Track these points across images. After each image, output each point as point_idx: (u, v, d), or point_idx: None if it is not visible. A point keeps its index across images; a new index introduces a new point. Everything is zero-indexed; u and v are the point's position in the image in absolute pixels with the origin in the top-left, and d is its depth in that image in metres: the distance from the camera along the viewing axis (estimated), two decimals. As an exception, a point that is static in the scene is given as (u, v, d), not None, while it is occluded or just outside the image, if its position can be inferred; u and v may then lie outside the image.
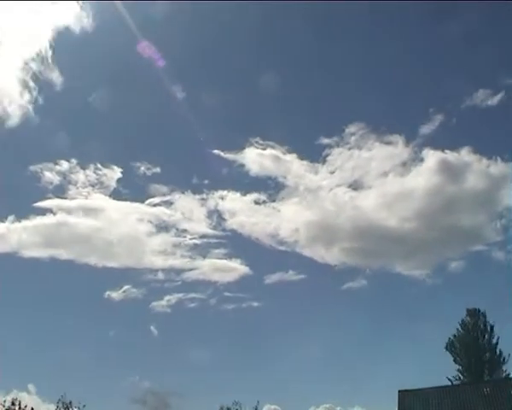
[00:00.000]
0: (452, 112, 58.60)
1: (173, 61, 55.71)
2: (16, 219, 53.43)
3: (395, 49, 59.69)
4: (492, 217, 55.18)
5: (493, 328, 40.01)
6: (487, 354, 39.51)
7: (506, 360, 38.74)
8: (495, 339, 39.76)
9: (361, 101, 60.92)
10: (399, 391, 29.70)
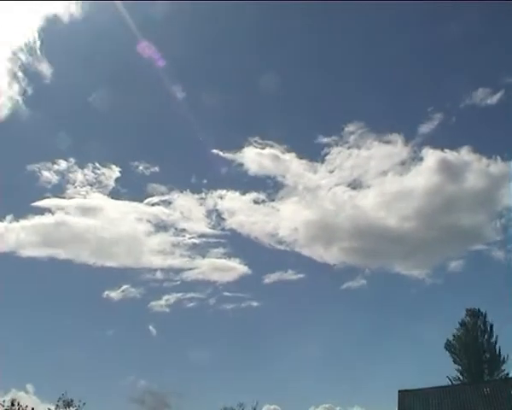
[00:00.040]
0: (452, 111, 58.66)
1: (173, 61, 55.68)
2: (14, 218, 53.49)
3: (394, 48, 59.80)
4: (492, 216, 55.32)
5: (493, 328, 40.11)
6: (487, 354, 39.53)
7: (505, 360, 38.88)
8: (494, 339, 39.80)
9: (360, 100, 61.04)
10: (399, 391, 29.82)
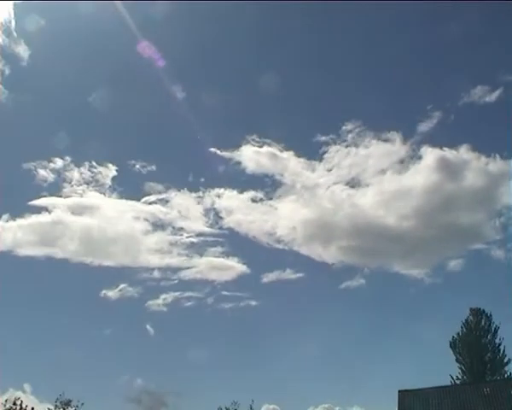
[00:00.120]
0: (450, 109, 58.56)
1: (173, 61, 55.48)
2: (11, 217, 53.16)
3: (393, 47, 59.42)
4: (491, 215, 54.80)
5: (497, 329, 39.77)
6: (489, 355, 39.32)
7: (508, 361, 38.59)
8: (498, 340, 39.57)
9: (358, 98, 60.73)
10: (399, 391, 29.69)
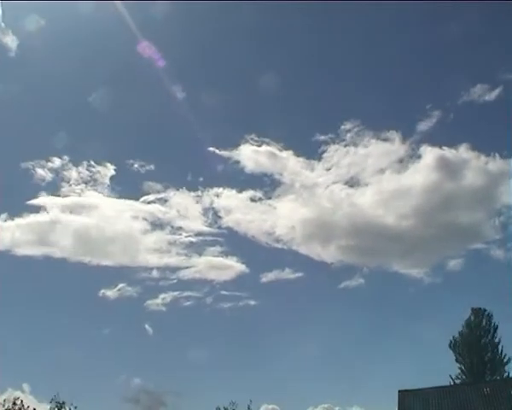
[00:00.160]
0: (450, 108, 58.35)
1: (173, 62, 55.22)
2: (9, 217, 52.97)
3: (392, 46, 59.34)
4: (491, 214, 54.36)
5: (497, 328, 39.84)
6: (489, 355, 39.32)
7: (508, 361, 38.62)
8: (497, 339, 39.62)
9: (357, 97, 60.37)
10: (399, 391, 29.66)
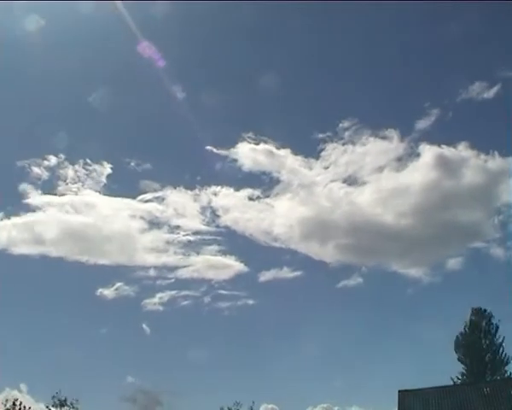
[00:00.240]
0: (448, 106, 58.30)
1: (173, 61, 55.32)
2: (5, 215, 52.88)
3: (390, 45, 59.71)
4: (490, 213, 54.53)
5: (498, 329, 39.79)
6: (489, 355, 39.23)
7: (508, 361, 38.66)
8: (498, 340, 39.48)
9: (355, 95, 60.83)
10: (399, 391, 29.64)
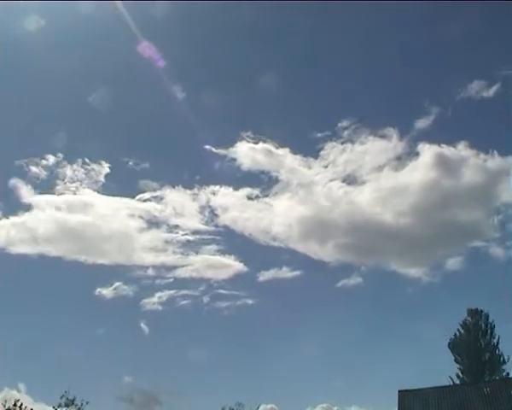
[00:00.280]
0: (447, 105, 58.50)
1: (173, 61, 55.33)
2: (3, 215, 52.74)
3: (389, 44, 59.71)
4: (490, 212, 54.45)
5: (494, 328, 39.84)
6: (487, 355, 39.31)
7: (506, 361, 38.69)
8: (495, 339, 39.57)
9: (354, 95, 61.02)
10: (399, 391, 29.76)
